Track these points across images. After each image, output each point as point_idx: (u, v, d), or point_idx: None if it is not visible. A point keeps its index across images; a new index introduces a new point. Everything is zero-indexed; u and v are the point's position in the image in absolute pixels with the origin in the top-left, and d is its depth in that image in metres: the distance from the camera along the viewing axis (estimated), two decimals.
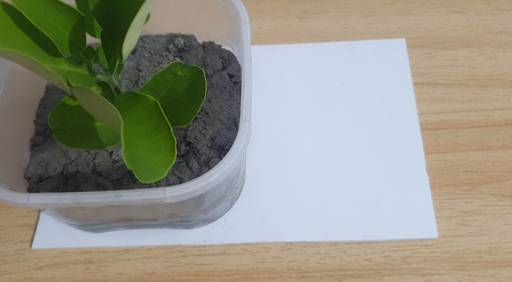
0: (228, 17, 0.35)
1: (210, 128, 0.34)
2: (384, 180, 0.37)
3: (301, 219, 0.36)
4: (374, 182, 0.37)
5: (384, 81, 0.42)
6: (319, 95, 0.42)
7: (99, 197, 0.27)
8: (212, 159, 0.33)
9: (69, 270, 0.36)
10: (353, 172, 0.38)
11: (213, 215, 0.35)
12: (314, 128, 0.40)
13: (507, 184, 0.38)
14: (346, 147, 0.39)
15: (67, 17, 0.22)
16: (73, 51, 0.24)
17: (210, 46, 0.39)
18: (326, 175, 0.38)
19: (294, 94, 0.42)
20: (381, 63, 0.43)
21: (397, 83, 0.42)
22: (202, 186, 0.27)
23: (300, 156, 0.39)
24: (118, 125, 0.21)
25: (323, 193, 0.37)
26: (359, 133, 0.40)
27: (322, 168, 0.38)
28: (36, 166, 0.34)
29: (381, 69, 0.43)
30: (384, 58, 0.44)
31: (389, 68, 0.43)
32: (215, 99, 0.36)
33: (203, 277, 0.35)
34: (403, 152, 0.39)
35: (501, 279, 0.34)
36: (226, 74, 0.38)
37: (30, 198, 0.27)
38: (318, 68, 0.43)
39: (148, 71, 0.38)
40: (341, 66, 0.43)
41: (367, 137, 0.39)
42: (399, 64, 0.43)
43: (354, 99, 0.41)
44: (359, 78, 0.43)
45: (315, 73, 0.43)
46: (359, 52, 0.44)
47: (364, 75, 0.43)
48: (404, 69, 0.43)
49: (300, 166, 0.38)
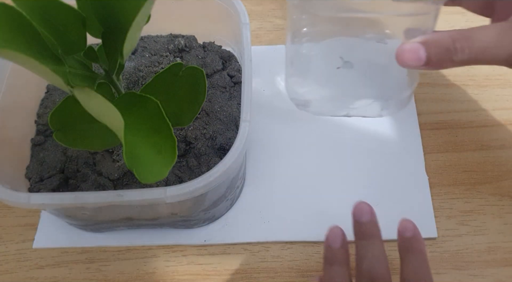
0: (228, 18, 0.36)
1: (210, 128, 0.34)
2: (384, 179, 0.37)
3: (301, 218, 0.36)
4: (374, 181, 0.37)
5: None
6: None
7: (100, 196, 0.27)
8: (212, 159, 0.33)
9: (70, 270, 0.36)
10: (353, 172, 0.38)
11: (213, 215, 0.35)
12: (314, 128, 0.40)
13: (506, 184, 0.38)
14: (346, 146, 0.39)
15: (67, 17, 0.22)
16: (74, 51, 0.24)
17: (211, 46, 0.39)
18: (326, 174, 0.38)
19: None
20: None
21: None
22: (202, 186, 0.27)
23: (300, 156, 0.39)
24: (119, 126, 0.21)
25: (323, 193, 0.37)
26: (359, 133, 0.40)
27: (322, 168, 0.38)
28: (36, 166, 0.34)
29: None
30: None
31: None
32: (215, 100, 0.36)
33: (203, 276, 0.35)
34: (403, 151, 0.39)
35: (500, 278, 0.34)
36: (226, 75, 0.38)
37: (31, 197, 0.27)
38: None
39: (148, 71, 0.38)
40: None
41: (367, 137, 0.39)
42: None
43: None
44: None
45: None
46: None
47: None
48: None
49: (300, 165, 0.38)
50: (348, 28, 0.31)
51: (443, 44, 0.26)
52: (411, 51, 0.26)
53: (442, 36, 0.26)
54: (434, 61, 0.26)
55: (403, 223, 0.31)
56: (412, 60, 0.26)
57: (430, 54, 0.26)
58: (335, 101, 0.38)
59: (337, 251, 0.30)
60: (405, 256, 0.30)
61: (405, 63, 0.27)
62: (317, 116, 0.41)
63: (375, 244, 0.29)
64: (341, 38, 0.31)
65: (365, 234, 0.30)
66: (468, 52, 0.26)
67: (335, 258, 0.30)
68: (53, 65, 0.23)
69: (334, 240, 0.31)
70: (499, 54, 0.26)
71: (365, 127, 0.40)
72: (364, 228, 0.30)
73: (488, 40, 0.25)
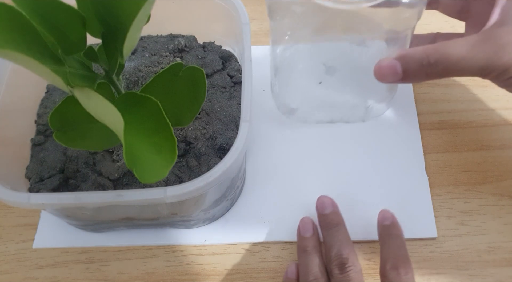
0: (229, 18, 0.36)
1: (210, 128, 0.34)
2: (384, 179, 0.37)
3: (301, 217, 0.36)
4: (374, 182, 0.37)
5: None
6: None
7: (100, 196, 0.27)
8: (212, 159, 0.33)
9: (70, 270, 0.36)
10: (353, 172, 0.38)
11: (213, 215, 0.35)
12: (314, 129, 0.40)
13: (506, 184, 0.38)
14: (346, 147, 0.39)
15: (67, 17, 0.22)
16: (74, 51, 0.24)
17: (211, 46, 0.39)
18: (326, 174, 0.38)
19: None
20: None
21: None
22: (202, 186, 0.27)
23: (300, 156, 0.39)
24: (119, 126, 0.21)
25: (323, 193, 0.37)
26: (359, 134, 0.40)
27: (322, 168, 0.38)
28: (36, 166, 0.34)
29: None
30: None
31: None
32: (215, 100, 0.36)
33: (203, 276, 0.35)
34: (403, 151, 0.39)
35: (500, 278, 0.34)
36: (226, 75, 0.38)
37: (31, 197, 0.27)
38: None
39: (148, 71, 0.38)
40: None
41: (367, 137, 0.39)
42: None
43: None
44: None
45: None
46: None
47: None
48: None
49: (300, 165, 0.38)
50: (329, 33, 0.31)
51: (417, 59, 0.27)
52: (388, 67, 0.28)
53: (416, 51, 0.27)
54: (410, 76, 0.28)
55: (383, 213, 0.34)
56: (390, 75, 0.28)
57: (406, 69, 0.27)
58: (319, 109, 0.38)
59: (309, 239, 0.33)
60: (384, 241, 0.32)
61: (383, 78, 0.28)
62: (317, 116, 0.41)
63: (340, 231, 0.33)
64: (323, 44, 0.32)
65: (330, 224, 0.33)
66: (442, 66, 0.27)
67: (308, 246, 0.33)
68: (53, 65, 0.23)
69: (305, 230, 0.34)
70: (472, 66, 0.27)
71: (365, 128, 0.40)
72: (328, 219, 0.33)
73: (461, 54, 0.27)
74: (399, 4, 0.27)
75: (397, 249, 0.31)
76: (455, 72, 0.27)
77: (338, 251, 0.31)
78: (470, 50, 0.27)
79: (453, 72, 0.28)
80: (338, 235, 0.32)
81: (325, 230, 0.33)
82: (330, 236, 0.33)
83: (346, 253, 0.31)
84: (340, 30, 0.30)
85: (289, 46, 0.34)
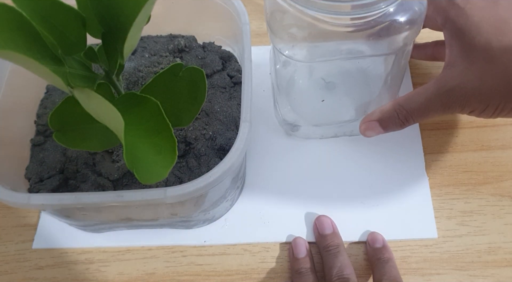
0: (229, 18, 0.35)
1: (210, 128, 0.34)
2: (384, 180, 0.37)
3: (301, 219, 0.36)
4: (374, 182, 0.37)
5: None
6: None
7: (100, 197, 0.27)
8: (212, 159, 0.33)
9: (70, 270, 0.36)
10: (353, 173, 0.38)
11: (213, 215, 0.35)
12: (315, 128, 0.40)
13: (506, 184, 0.38)
14: (346, 147, 0.39)
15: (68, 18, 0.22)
16: (74, 52, 0.24)
17: (210, 46, 0.39)
18: (326, 175, 0.38)
19: None
20: None
21: None
22: (202, 186, 0.27)
23: (300, 156, 0.39)
24: (119, 126, 0.21)
25: (323, 194, 0.37)
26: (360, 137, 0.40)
27: (322, 169, 0.38)
28: (36, 166, 0.34)
29: None
30: None
31: None
32: (215, 100, 0.36)
33: (203, 277, 0.35)
34: (403, 152, 0.39)
35: (500, 279, 0.34)
36: (226, 75, 0.38)
37: (30, 198, 0.27)
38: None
39: (148, 72, 0.38)
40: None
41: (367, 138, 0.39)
42: None
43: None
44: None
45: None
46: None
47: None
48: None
49: (300, 166, 0.38)
50: (328, 56, 0.32)
51: (391, 117, 0.32)
52: (371, 129, 0.33)
53: (389, 110, 0.32)
54: (390, 129, 0.33)
55: (373, 235, 0.35)
56: (375, 133, 0.33)
57: (385, 126, 0.33)
58: (322, 126, 0.38)
59: (303, 261, 0.33)
60: (376, 263, 0.33)
61: (368, 134, 0.34)
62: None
63: (340, 253, 0.33)
64: (322, 59, 0.32)
65: (330, 246, 0.34)
66: (411, 119, 0.32)
67: (303, 267, 0.33)
68: (53, 65, 0.23)
69: (299, 251, 0.34)
70: (435, 112, 0.31)
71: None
72: (328, 241, 0.34)
73: (422, 107, 0.31)
74: (398, 26, 0.29)
75: (389, 270, 0.32)
76: (422, 120, 0.32)
77: (340, 270, 0.32)
78: (429, 102, 0.31)
79: (421, 120, 0.32)
80: (339, 256, 0.33)
81: (325, 251, 0.34)
82: (331, 257, 0.33)
83: (347, 274, 0.32)
84: (338, 52, 0.32)
85: (288, 63, 0.34)
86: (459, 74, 0.30)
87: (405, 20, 0.28)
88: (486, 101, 0.30)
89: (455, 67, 0.30)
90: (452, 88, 0.30)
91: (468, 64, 0.30)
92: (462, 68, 0.30)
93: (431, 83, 0.31)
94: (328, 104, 0.38)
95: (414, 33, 0.30)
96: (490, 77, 0.29)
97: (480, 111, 0.31)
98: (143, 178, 0.22)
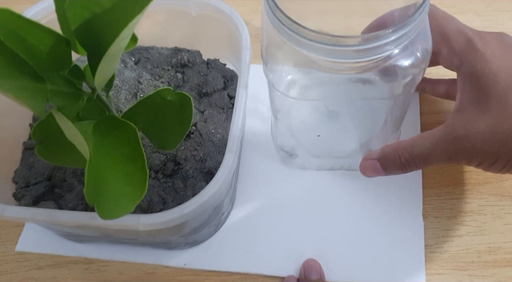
0: (234, 37, 0.34)
1: (202, 150, 0.33)
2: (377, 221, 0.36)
3: (287, 253, 0.35)
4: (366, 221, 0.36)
5: None
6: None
7: (73, 216, 0.27)
8: (199, 183, 0.32)
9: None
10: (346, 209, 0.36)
11: (195, 240, 0.34)
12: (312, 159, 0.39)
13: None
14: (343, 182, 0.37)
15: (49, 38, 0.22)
16: (57, 69, 0.24)
17: (215, 64, 0.38)
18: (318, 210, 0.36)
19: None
20: None
21: None
22: (176, 217, 0.26)
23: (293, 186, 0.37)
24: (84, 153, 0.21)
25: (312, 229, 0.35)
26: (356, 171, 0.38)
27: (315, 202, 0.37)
28: (25, 170, 0.34)
29: None
30: None
31: None
32: (211, 120, 0.35)
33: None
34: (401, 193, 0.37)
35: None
36: (226, 95, 0.37)
37: (5, 210, 0.27)
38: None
39: (148, 84, 0.37)
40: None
41: None
42: None
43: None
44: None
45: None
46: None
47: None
48: None
49: (293, 197, 0.37)
50: (323, 89, 0.30)
51: (392, 159, 0.30)
52: (371, 169, 0.31)
53: (390, 152, 0.30)
54: (389, 172, 0.31)
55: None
56: (374, 174, 0.31)
57: (385, 168, 0.31)
58: (320, 157, 0.37)
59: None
60: None
61: (368, 174, 0.32)
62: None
63: None
64: (326, 87, 0.31)
65: None
66: (413, 163, 0.30)
67: None
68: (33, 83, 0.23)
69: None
70: (439, 160, 0.29)
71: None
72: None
73: (427, 153, 0.29)
74: (400, 69, 0.27)
75: None
76: (425, 166, 0.30)
77: None
78: (433, 148, 0.29)
79: (423, 167, 0.30)
80: None
81: None
82: None
83: None
84: (337, 93, 0.31)
85: (290, 92, 0.33)
86: (469, 121, 0.28)
87: (409, 64, 0.27)
88: (496, 154, 0.28)
89: (465, 114, 0.29)
90: (460, 137, 0.28)
91: (479, 112, 0.28)
92: (472, 116, 0.28)
93: (439, 128, 0.30)
94: (330, 134, 0.36)
95: (417, 77, 0.28)
96: (502, 129, 0.27)
97: (488, 164, 0.29)
98: (104, 213, 0.21)
